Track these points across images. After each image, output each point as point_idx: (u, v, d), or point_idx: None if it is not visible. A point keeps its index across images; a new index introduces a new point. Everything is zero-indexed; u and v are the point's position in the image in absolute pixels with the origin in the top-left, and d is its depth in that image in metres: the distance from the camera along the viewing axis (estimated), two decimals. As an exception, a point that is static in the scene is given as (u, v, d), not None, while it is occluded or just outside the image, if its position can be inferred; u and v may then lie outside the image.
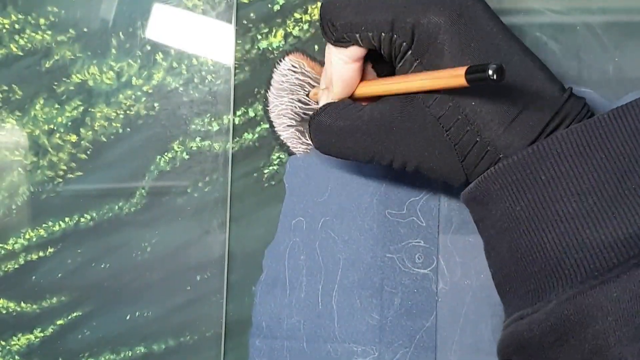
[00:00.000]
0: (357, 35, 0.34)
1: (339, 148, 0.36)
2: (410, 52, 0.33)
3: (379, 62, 0.37)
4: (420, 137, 0.33)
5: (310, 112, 0.42)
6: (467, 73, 0.29)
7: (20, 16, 0.44)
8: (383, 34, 0.33)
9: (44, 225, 0.44)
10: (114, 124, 0.43)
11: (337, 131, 0.36)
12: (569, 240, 0.29)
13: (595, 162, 0.29)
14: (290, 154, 0.42)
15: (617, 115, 0.30)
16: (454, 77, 0.30)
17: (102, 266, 0.43)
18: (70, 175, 0.44)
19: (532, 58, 0.32)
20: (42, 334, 0.44)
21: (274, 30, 0.42)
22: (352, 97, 0.37)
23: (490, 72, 0.27)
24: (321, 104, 0.38)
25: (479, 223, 0.34)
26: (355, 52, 0.35)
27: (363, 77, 0.37)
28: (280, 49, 0.42)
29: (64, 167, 0.44)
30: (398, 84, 0.34)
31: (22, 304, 0.44)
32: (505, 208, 0.31)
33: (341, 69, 0.36)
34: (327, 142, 0.36)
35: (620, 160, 0.29)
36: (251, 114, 0.43)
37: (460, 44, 0.31)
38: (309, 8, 0.42)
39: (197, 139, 0.43)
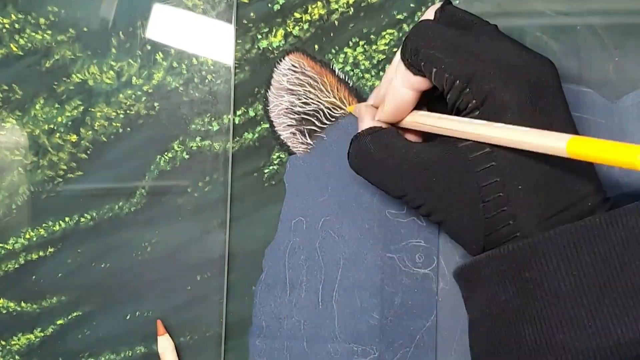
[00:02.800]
0: (434, 70, 0.33)
1: (374, 176, 0.36)
2: (477, 112, 0.32)
3: (434, 102, 0.36)
4: (456, 199, 0.33)
5: (310, 112, 0.42)
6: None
7: (20, 16, 0.44)
8: (458, 82, 0.32)
9: (44, 225, 0.44)
10: (114, 124, 0.43)
11: (378, 161, 0.35)
12: (543, 341, 0.29)
13: (579, 266, 0.29)
14: (291, 153, 0.42)
15: (607, 220, 0.29)
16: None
17: (102, 266, 0.43)
18: (70, 175, 0.44)
19: None
20: (42, 334, 0.44)
21: (274, 30, 0.42)
22: (396, 124, 0.37)
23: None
24: (364, 120, 0.37)
25: (467, 301, 0.34)
26: (421, 82, 0.34)
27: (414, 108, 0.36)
28: (281, 49, 0.42)
29: (64, 167, 0.44)
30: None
31: (22, 304, 0.44)
32: (491, 295, 0.31)
33: (399, 92, 0.35)
34: (364, 167, 0.36)
35: (605, 266, 0.29)
36: (251, 113, 0.43)
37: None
38: (309, 8, 0.42)
39: (197, 138, 0.43)
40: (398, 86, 0.35)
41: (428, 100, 0.37)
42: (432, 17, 0.35)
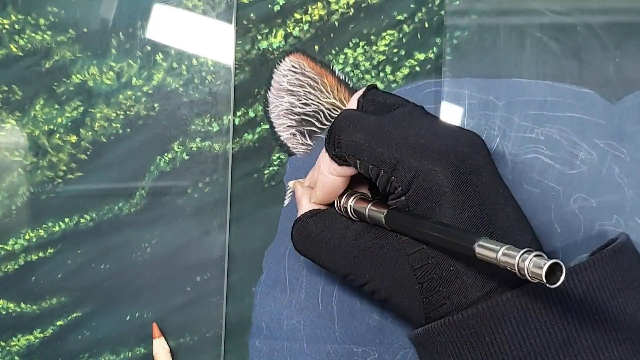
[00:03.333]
0: (358, 162, 0.33)
1: (318, 257, 0.36)
2: (404, 197, 0.32)
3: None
4: (394, 280, 0.33)
5: (310, 113, 0.42)
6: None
7: (20, 16, 0.44)
8: (382, 172, 0.32)
9: (43, 225, 0.44)
10: (114, 125, 0.43)
11: (320, 242, 0.36)
12: None
13: (539, 326, 0.29)
14: (291, 154, 0.42)
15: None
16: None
17: (102, 266, 0.43)
18: (70, 176, 0.44)
19: (523, 226, 0.32)
20: (41, 335, 0.44)
21: (274, 31, 0.42)
22: (334, 202, 0.37)
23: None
24: (302, 202, 0.38)
25: None
26: (347, 170, 0.35)
27: (350, 186, 0.37)
28: (281, 50, 0.42)
29: (64, 168, 0.44)
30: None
31: (22, 305, 0.44)
32: None
33: (327, 179, 0.36)
34: (308, 248, 0.37)
35: (563, 325, 0.29)
36: (251, 114, 0.43)
37: (455, 207, 0.31)
38: (309, 8, 0.42)
39: (197, 139, 0.43)
40: (324, 173, 0.36)
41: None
42: (355, 105, 0.36)
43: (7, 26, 0.44)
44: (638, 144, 0.39)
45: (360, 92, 0.36)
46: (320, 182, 0.36)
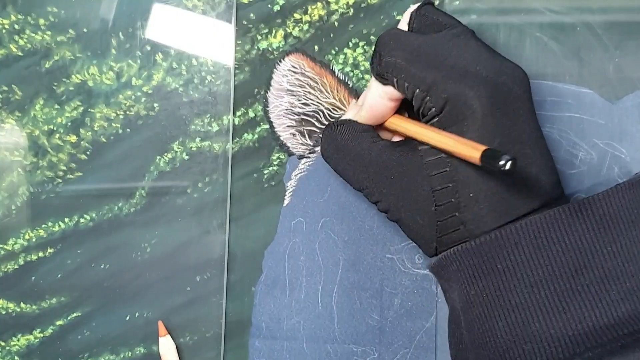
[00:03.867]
0: (395, 80, 0.33)
1: (338, 164, 0.36)
2: (437, 119, 0.32)
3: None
4: (411, 200, 0.33)
5: (310, 113, 0.42)
6: (482, 154, 0.29)
7: (20, 16, 0.44)
8: (418, 90, 0.32)
9: (43, 225, 0.44)
10: (113, 125, 0.43)
11: (345, 150, 0.36)
12: (518, 331, 0.29)
13: (551, 255, 0.29)
14: (290, 154, 0.42)
15: (577, 209, 0.29)
16: (471, 149, 0.30)
17: (102, 266, 0.43)
18: (70, 176, 0.44)
19: (550, 169, 0.32)
20: (41, 335, 0.44)
21: (274, 31, 0.42)
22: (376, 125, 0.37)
23: (502, 161, 0.27)
24: (347, 115, 0.38)
25: (444, 293, 0.34)
26: (392, 93, 0.35)
27: (397, 112, 0.37)
28: (280, 50, 0.42)
29: (64, 168, 0.44)
30: (420, 129, 0.33)
31: (22, 305, 0.44)
32: (461, 289, 0.31)
33: (374, 100, 0.36)
34: (331, 154, 0.37)
35: (575, 254, 0.29)
36: (251, 114, 0.43)
37: (484, 133, 0.31)
38: (309, 8, 0.42)
39: (197, 139, 0.43)
40: (373, 94, 0.36)
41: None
42: (407, 19, 0.36)
43: (7, 26, 0.44)
44: (638, 144, 0.39)
45: (414, 7, 0.36)
46: (367, 103, 0.36)
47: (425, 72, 0.32)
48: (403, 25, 0.36)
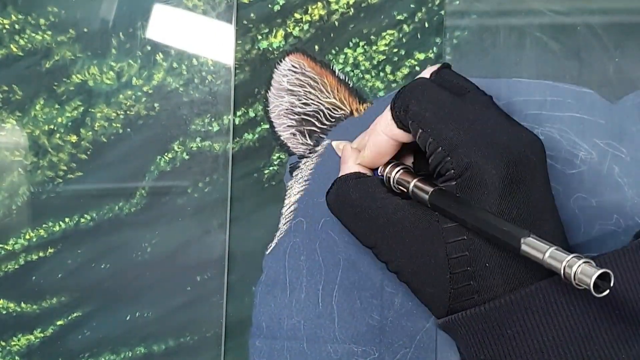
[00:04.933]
0: (420, 132, 0.33)
1: (349, 222, 0.36)
2: (454, 182, 0.32)
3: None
4: (425, 265, 0.33)
5: (310, 113, 0.42)
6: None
7: (20, 16, 0.44)
8: (440, 148, 0.32)
9: (44, 225, 0.44)
10: (114, 124, 0.43)
11: (356, 208, 0.35)
12: None
13: (561, 319, 0.29)
14: (291, 154, 0.42)
15: None
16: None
17: (102, 266, 0.43)
18: (70, 176, 0.44)
19: (557, 221, 0.32)
20: (42, 335, 0.44)
21: (274, 31, 0.42)
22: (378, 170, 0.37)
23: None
24: (347, 162, 0.38)
25: (456, 344, 0.34)
26: (402, 136, 0.35)
27: (395, 157, 0.37)
28: (281, 49, 0.42)
29: (64, 168, 0.44)
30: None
31: (22, 304, 0.44)
32: (470, 353, 0.31)
33: (380, 139, 0.35)
34: (341, 210, 0.36)
35: (585, 320, 0.29)
36: (251, 114, 0.43)
37: (503, 205, 0.31)
38: (309, 8, 0.42)
39: (197, 139, 0.43)
40: (379, 132, 0.35)
41: (415, 150, 0.37)
42: (428, 77, 0.35)
43: (7, 26, 0.44)
44: (638, 143, 0.39)
45: (434, 68, 0.36)
46: (372, 142, 0.36)
47: (452, 133, 0.32)
48: None
